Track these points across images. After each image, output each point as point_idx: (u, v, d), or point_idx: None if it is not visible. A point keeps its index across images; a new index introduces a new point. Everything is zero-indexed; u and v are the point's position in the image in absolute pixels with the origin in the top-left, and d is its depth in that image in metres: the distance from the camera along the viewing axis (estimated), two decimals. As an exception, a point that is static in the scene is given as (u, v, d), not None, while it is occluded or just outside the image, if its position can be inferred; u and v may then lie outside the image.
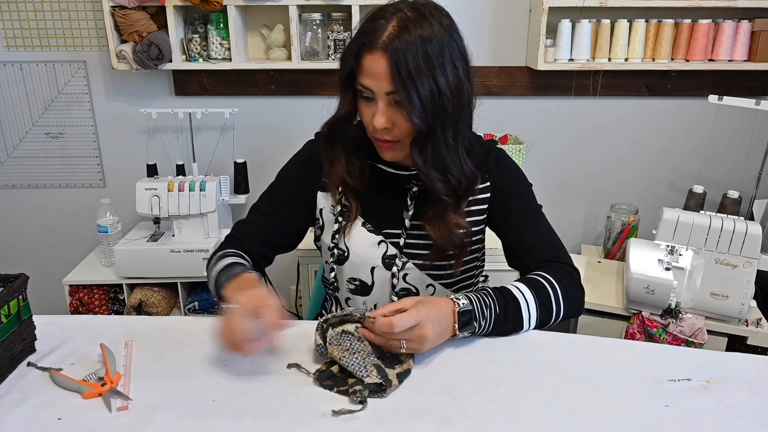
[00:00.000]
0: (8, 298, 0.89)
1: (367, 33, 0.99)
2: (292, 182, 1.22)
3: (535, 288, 1.03)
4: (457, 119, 1.03)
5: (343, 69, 1.03)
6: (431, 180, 1.06)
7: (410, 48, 0.95)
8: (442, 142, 1.03)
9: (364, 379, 0.85)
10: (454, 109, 1.01)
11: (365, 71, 0.99)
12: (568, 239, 2.47)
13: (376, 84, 0.99)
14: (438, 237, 1.10)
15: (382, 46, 0.96)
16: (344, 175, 1.14)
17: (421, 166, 1.05)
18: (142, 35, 2.05)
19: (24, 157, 2.36)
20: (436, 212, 1.11)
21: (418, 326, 0.89)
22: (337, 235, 1.17)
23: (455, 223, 1.10)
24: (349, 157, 1.15)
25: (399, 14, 0.98)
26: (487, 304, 0.98)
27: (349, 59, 1.01)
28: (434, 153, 1.04)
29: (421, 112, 0.98)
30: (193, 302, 2.16)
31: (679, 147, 2.34)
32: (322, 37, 2.11)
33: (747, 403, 0.86)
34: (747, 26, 2.06)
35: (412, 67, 0.95)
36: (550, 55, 2.09)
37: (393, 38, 0.96)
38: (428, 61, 0.96)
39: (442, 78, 0.98)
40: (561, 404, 0.85)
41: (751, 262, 1.65)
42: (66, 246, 2.47)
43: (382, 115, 1.01)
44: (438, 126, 1.01)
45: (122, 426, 0.79)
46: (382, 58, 0.96)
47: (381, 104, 1.01)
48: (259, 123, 2.32)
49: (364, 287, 1.19)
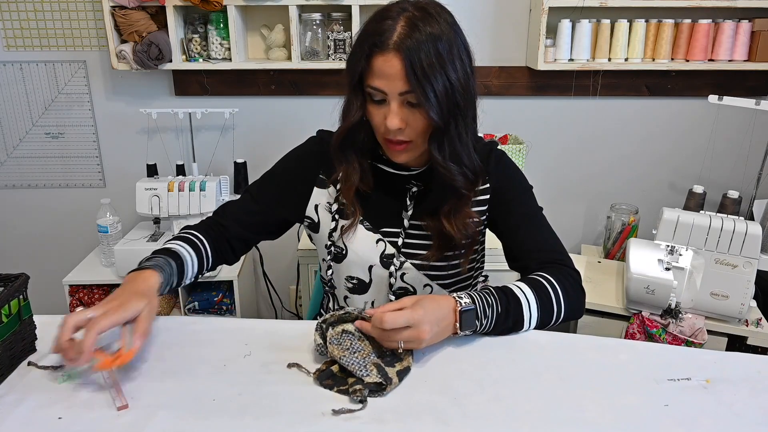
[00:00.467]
0: (9, 298, 0.89)
1: (375, 34, 0.98)
2: (288, 174, 1.22)
3: (536, 288, 1.03)
4: (466, 113, 1.04)
5: (354, 73, 1.02)
6: (452, 174, 1.05)
7: (422, 46, 0.95)
8: (456, 136, 1.04)
9: (364, 379, 0.85)
10: (465, 103, 1.02)
11: (377, 73, 0.99)
12: (568, 239, 2.48)
13: (389, 85, 0.98)
14: (455, 232, 1.10)
15: (395, 47, 0.96)
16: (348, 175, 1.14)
17: (441, 161, 1.04)
18: (142, 35, 2.05)
19: (24, 157, 2.36)
20: (452, 207, 1.10)
21: (413, 327, 0.89)
22: (334, 233, 1.17)
23: (471, 219, 1.12)
24: (362, 162, 1.14)
25: (406, 14, 0.98)
26: (489, 303, 0.98)
27: (360, 62, 1.00)
28: (451, 148, 1.04)
29: (438, 109, 0.98)
30: (193, 302, 2.16)
31: (679, 147, 2.34)
32: (322, 37, 2.11)
33: (747, 403, 0.86)
34: (747, 26, 2.06)
35: (426, 65, 0.95)
36: (550, 55, 2.10)
37: (404, 38, 0.96)
38: (440, 58, 0.97)
39: (453, 73, 0.98)
40: (561, 404, 0.85)
41: (751, 262, 1.65)
42: (66, 246, 2.47)
43: (395, 115, 1.00)
44: (452, 121, 1.02)
45: (122, 425, 0.79)
46: (395, 58, 0.96)
47: (394, 105, 1.00)
48: (259, 123, 2.32)
49: (361, 285, 1.19)
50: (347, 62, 1.05)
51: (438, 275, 1.16)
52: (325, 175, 1.19)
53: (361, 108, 1.05)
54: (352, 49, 1.04)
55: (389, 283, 1.16)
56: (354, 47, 1.03)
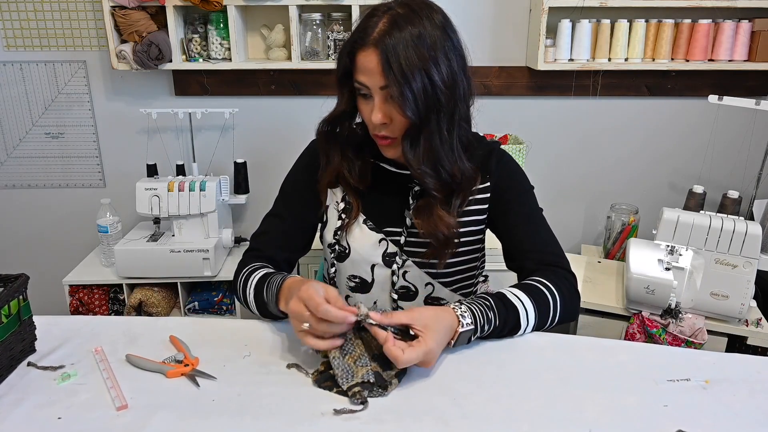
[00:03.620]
0: (9, 298, 0.89)
1: (359, 31, 1.01)
2: (300, 183, 1.22)
3: (535, 296, 1.03)
4: (452, 112, 1.04)
5: (339, 67, 1.06)
6: (421, 174, 1.06)
7: (400, 43, 0.97)
8: (436, 133, 1.03)
9: (343, 386, 0.85)
10: (448, 101, 1.02)
11: (359, 68, 1.01)
12: (568, 239, 2.48)
13: (370, 79, 1.01)
14: (422, 229, 1.11)
15: (373, 42, 0.98)
16: (343, 173, 1.15)
17: (412, 160, 1.05)
18: (142, 35, 2.05)
19: (24, 157, 2.36)
20: (424, 203, 1.11)
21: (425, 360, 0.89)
22: (339, 231, 1.18)
23: (441, 219, 1.10)
24: (347, 154, 1.16)
25: (390, 12, 1.00)
26: (489, 319, 0.98)
27: (344, 57, 1.04)
28: (427, 146, 1.04)
29: (414, 106, 0.99)
30: (193, 302, 2.16)
31: (679, 147, 2.34)
32: (322, 37, 2.11)
33: (746, 403, 0.86)
34: (747, 26, 2.06)
35: (403, 61, 0.96)
36: (550, 55, 2.10)
37: (384, 34, 0.98)
38: (420, 55, 0.97)
39: (435, 72, 0.99)
40: (560, 404, 0.85)
41: (751, 262, 1.65)
42: (66, 246, 2.47)
43: (378, 110, 1.02)
44: (432, 119, 1.02)
45: (122, 425, 0.79)
46: (373, 53, 0.98)
47: (377, 99, 1.02)
48: (259, 123, 2.32)
49: (363, 284, 1.20)
50: (336, 57, 1.08)
51: (439, 273, 1.17)
52: None
53: (347, 101, 1.08)
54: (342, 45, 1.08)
55: (392, 281, 1.16)
56: (342, 44, 1.07)
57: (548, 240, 1.15)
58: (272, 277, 1.03)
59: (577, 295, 1.11)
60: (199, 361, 0.93)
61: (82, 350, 0.96)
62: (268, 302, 1.02)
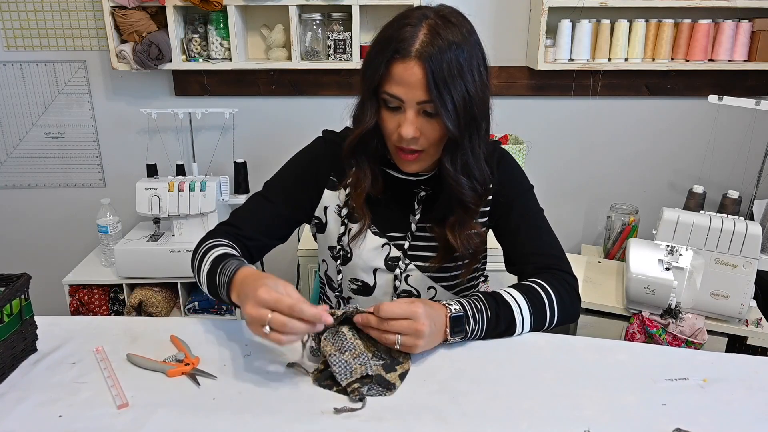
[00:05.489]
0: (10, 297, 0.89)
1: (396, 41, 0.95)
2: (299, 176, 1.20)
3: (527, 293, 1.03)
4: (481, 126, 1.03)
5: (371, 78, 0.99)
6: (461, 188, 1.04)
7: (444, 56, 0.93)
8: (469, 149, 1.02)
9: (342, 383, 0.85)
10: (480, 115, 1.01)
11: (396, 80, 0.96)
12: (568, 239, 2.48)
13: (408, 93, 0.96)
14: (458, 245, 1.09)
15: (417, 55, 0.94)
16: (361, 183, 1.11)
17: (452, 174, 1.03)
18: (142, 35, 2.05)
19: (24, 157, 2.36)
20: (458, 219, 1.09)
21: (412, 319, 0.89)
22: (343, 237, 1.17)
23: (474, 231, 1.10)
24: (374, 169, 1.12)
25: (427, 20, 0.96)
26: (479, 308, 0.98)
27: (380, 67, 0.97)
28: (463, 160, 1.03)
29: (456, 120, 0.97)
30: (193, 302, 2.16)
31: (679, 147, 2.34)
32: (322, 37, 2.12)
33: (744, 402, 0.86)
34: (747, 26, 2.06)
35: (447, 74, 0.94)
36: (550, 55, 2.10)
37: (426, 46, 0.94)
38: (460, 69, 0.95)
39: (471, 85, 0.97)
40: (559, 403, 0.85)
41: (751, 262, 1.65)
42: (66, 246, 2.47)
43: (411, 124, 0.98)
44: (467, 133, 1.01)
45: (122, 423, 0.80)
46: (416, 66, 0.94)
47: (410, 113, 0.98)
48: (259, 123, 2.32)
49: (365, 288, 1.20)
50: (364, 67, 1.02)
51: (441, 277, 1.17)
52: (336, 177, 1.18)
53: (376, 114, 1.02)
54: (368, 54, 1.01)
55: (394, 285, 1.16)
56: (372, 52, 1.00)
57: (549, 242, 1.15)
58: (227, 262, 0.98)
59: (577, 296, 1.11)
60: (199, 360, 0.93)
61: (83, 350, 0.96)
62: (220, 289, 0.98)
